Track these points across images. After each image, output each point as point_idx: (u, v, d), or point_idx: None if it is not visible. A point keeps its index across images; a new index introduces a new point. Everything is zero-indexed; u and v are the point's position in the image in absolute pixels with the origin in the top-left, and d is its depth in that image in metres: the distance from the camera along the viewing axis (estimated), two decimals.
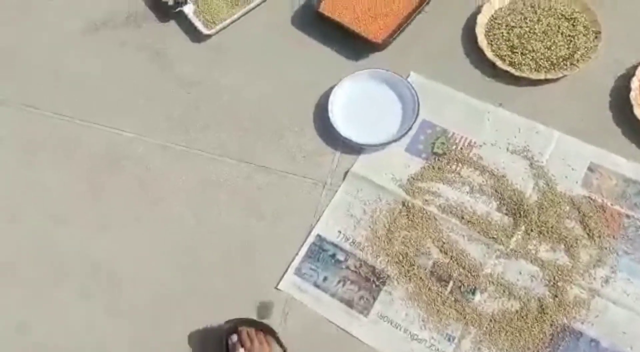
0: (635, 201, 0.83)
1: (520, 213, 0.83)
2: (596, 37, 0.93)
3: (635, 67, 0.90)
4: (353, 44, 0.99)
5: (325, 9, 1.03)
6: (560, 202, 0.83)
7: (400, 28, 0.98)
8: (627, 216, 0.82)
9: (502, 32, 0.96)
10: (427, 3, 0.99)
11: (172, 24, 1.07)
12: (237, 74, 1.01)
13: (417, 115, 0.90)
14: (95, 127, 0.98)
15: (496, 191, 0.85)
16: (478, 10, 0.99)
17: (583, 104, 0.91)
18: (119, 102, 0.99)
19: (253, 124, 0.96)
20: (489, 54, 0.95)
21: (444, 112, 0.93)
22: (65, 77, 1.02)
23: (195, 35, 1.04)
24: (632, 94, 0.88)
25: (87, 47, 1.05)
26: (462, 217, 0.84)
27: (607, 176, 0.85)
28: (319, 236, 0.85)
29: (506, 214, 0.84)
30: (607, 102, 0.91)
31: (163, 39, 1.05)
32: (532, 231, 0.82)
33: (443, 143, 0.90)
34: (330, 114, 0.92)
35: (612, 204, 0.83)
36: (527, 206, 0.83)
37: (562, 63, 0.92)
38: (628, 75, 0.90)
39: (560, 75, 0.91)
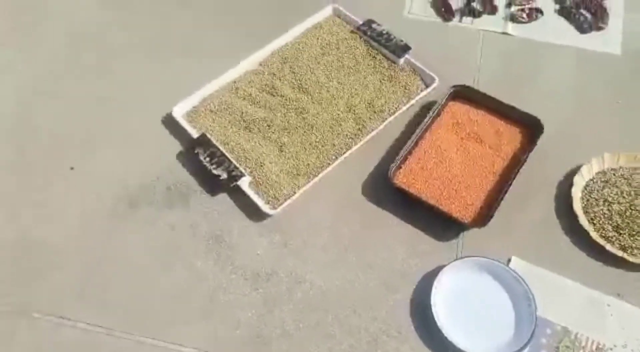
0: None
1: None
2: None
3: None
4: (438, 220, 0.88)
5: (400, 179, 0.92)
6: None
7: (489, 204, 0.88)
8: None
9: (602, 210, 0.88)
10: (515, 177, 0.90)
11: (225, 198, 0.91)
12: (309, 261, 0.85)
13: (536, 320, 0.78)
14: (144, 342, 0.78)
15: None
16: (569, 181, 0.91)
17: None
18: (172, 306, 0.81)
19: (341, 329, 0.80)
20: (594, 234, 0.85)
21: (559, 306, 0.81)
22: (101, 275, 0.83)
23: (255, 213, 0.89)
24: None
25: (126, 232, 0.87)
26: None
27: None
28: None
29: None
30: None
31: (217, 219, 0.89)
32: None
33: (568, 346, 0.78)
34: (436, 318, 0.78)
35: None
36: None
37: None
38: None
39: None
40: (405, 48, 1.04)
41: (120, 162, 0.94)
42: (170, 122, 0.98)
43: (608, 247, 0.84)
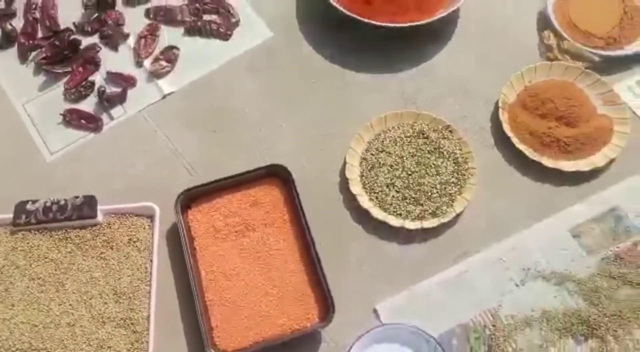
0: None
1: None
2: (450, 131, 0.84)
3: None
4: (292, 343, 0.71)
5: (226, 345, 0.69)
6: None
7: (319, 288, 0.73)
8: None
9: (394, 196, 0.79)
10: (313, 241, 0.75)
11: None
12: None
13: (440, 345, 0.69)
14: None
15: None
16: (351, 195, 0.79)
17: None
18: None
19: None
20: (410, 224, 0.77)
21: (441, 312, 0.73)
22: None
23: None
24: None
25: None
26: None
27: None
28: None
29: None
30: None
31: None
32: None
33: (476, 337, 0.72)
34: None
35: None
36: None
37: (459, 176, 0.81)
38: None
39: (471, 184, 0.80)
40: (90, 201, 0.75)
41: None
42: None
43: (425, 224, 0.77)
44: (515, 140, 0.83)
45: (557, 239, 0.77)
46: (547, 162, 0.81)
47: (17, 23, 0.93)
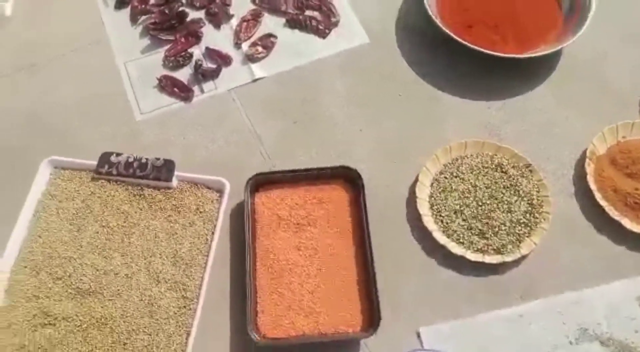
0: None
1: None
2: (530, 170, 0.82)
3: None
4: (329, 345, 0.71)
5: (266, 331, 0.70)
6: None
7: (367, 293, 0.73)
8: None
9: (460, 224, 0.78)
10: (370, 247, 0.75)
11: None
12: None
13: None
14: None
15: None
16: (418, 214, 0.79)
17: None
18: None
19: None
20: (471, 255, 0.75)
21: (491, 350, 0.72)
22: None
23: None
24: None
25: None
26: None
27: None
28: None
29: None
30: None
31: None
32: None
33: None
34: None
35: None
36: None
37: (532, 218, 0.79)
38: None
39: (542, 228, 0.78)
40: (169, 165, 0.78)
41: None
42: None
43: (487, 259, 0.76)
44: (597, 195, 0.79)
45: (624, 306, 0.73)
46: (628, 224, 0.77)
47: None
